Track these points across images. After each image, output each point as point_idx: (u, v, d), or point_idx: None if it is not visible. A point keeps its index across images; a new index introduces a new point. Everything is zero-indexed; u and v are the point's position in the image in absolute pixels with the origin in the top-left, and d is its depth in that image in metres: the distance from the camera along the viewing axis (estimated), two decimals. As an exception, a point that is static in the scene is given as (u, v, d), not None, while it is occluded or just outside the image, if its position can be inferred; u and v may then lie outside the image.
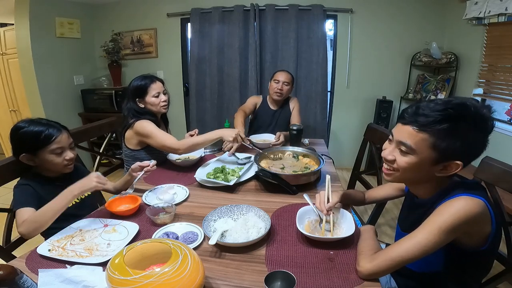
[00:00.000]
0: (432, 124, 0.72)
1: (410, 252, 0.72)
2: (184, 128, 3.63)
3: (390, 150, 0.82)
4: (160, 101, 1.59)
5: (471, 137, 0.72)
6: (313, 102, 3.17)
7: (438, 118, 0.71)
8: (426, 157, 0.75)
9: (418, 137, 0.74)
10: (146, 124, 1.50)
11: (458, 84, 2.82)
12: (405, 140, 0.76)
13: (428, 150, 0.74)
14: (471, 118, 0.70)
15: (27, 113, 3.27)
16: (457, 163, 0.73)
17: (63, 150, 1.11)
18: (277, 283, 0.70)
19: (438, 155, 0.74)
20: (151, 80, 1.58)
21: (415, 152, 0.75)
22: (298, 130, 1.81)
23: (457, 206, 0.70)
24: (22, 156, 1.08)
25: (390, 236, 2.19)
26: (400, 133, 0.78)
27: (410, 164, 0.77)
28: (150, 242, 0.72)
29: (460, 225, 0.69)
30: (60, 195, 1.01)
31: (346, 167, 3.35)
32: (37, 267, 0.79)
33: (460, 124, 0.71)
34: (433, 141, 0.72)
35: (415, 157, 0.76)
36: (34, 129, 1.06)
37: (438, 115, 0.71)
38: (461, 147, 0.72)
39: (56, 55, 3.08)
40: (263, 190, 1.31)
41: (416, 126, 0.74)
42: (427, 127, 0.72)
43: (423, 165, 0.76)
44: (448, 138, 0.71)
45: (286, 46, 3.07)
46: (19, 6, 2.75)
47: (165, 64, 3.49)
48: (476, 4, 2.39)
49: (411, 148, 0.76)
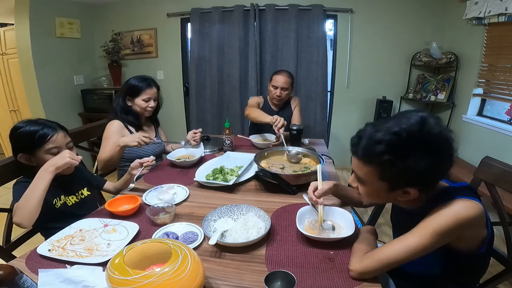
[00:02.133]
0: (374, 157, 0.69)
1: (398, 254, 0.71)
2: (184, 128, 3.63)
3: (352, 177, 0.84)
4: (148, 106, 1.62)
5: (422, 164, 0.65)
6: (313, 102, 3.17)
7: (380, 149, 0.67)
8: (378, 186, 0.74)
9: (364, 169, 0.74)
10: (111, 127, 1.56)
11: (458, 84, 2.82)
12: (356, 171, 0.77)
13: (377, 181, 0.73)
14: (419, 143, 0.65)
15: (27, 113, 3.28)
16: (411, 190, 0.71)
17: (59, 149, 1.10)
18: (277, 283, 0.70)
19: (389, 185, 0.72)
20: (148, 84, 1.61)
21: (366, 182, 0.76)
22: (298, 130, 1.81)
23: (454, 209, 0.68)
24: (19, 156, 1.08)
25: (390, 236, 2.19)
26: (353, 163, 0.78)
27: (368, 192, 0.79)
28: (150, 242, 0.72)
29: (455, 229, 0.67)
30: (36, 177, 1.00)
31: (346, 167, 3.35)
32: (37, 267, 0.79)
33: (406, 152, 0.66)
34: (379, 173, 0.71)
35: (369, 187, 0.77)
36: (30, 128, 1.06)
37: (379, 148, 0.67)
38: (411, 176, 0.68)
39: (56, 55, 3.08)
40: (263, 190, 1.31)
41: (360, 158, 0.73)
42: (369, 159, 0.71)
43: (380, 192, 0.76)
44: (394, 168, 0.68)
45: (286, 46, 3.07)
46: (19, 6, 2.75)
47: (165, 64, 3.49)
48: (476, 4, 2.39)
49: (361, 179, 0.77)
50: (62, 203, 1.15)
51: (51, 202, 1.11)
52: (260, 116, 1.85)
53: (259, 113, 1.90)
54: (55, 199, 1.13)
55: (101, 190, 1.39)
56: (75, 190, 1.23)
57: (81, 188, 1.25)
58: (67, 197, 1.18)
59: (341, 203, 1.14)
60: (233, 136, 1.82)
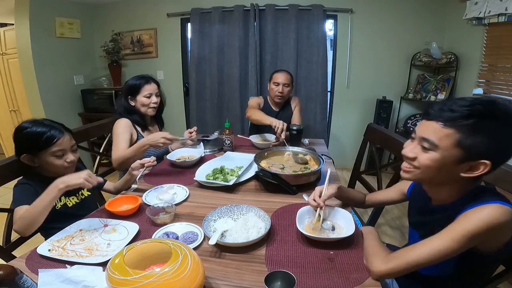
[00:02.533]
0: (458, 119, 0.68)
1: (427, 257, 0.69)
2: (184, 128, 3.63)
3: (411, 147, 0.78)
4: (151, 102, 1.62)
5: (501, 135, 0.67)
6: (313, 102, 3.17)
7: (465, 113, 0.67)
8: (450, 155, 0.70)
9: (442, 132, 0.70)
10: (119, 125, 1.55)
11: (458, 84, 2.82)
12: (429, 136, 0.72)
13: (452, 147, 0.69)
14: (500, 114, 0.66)
15: (27, 113, 3.28)
16: (485, 162, 0.68)
17: (64, 152, 1.10)
18: (277, 283, 0.70)
19: (463, 153, 0.69)
20: (146, 80, 1.61)
21: (438, 148, 0.71)
22: (298, 130, 1.81)
23: (487, 213, 0.66)
24: (23, 156, 1.08)
25: (390, 236, 2.19)
26: (423, 129, 0.75)
27: (432, 161, 0.73)
28: (150, 242, 0.72)
29: (485, 233, 0.66)
30: (47, 190, 0.99)
31: (346, 167, 3.35)
32: (37, 267, 0.79)
33: (488, 121, 0.66)
34: (459, 137, 0.68)
35: (438, 154, 0.71)
36: (36, 130, 1.05)
37: (464, 110, 0.67)
38: (488, 145, 0.67)
39: (56, 55, 3.08)
40: (263, 190, 1.31)
41: (441, 121, 0.70)
42: (452, 122, 0.69)
43: (446, 163, 0.72)
44: (475, 134, 0.67)
45: (286, 46, 3.07)
46: (19, 6, 2.75)
47: (165, 64, 3.49)
48: (476, 4, 2.39)
49: (434, 144, 0.71)
50: (62, 204, 1.15)
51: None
52: (262, 118, 1.85)
53: (261, 115, 1.89)
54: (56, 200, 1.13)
55: (101, 190, 1.39)
56: (75, 190, 1.23)
57: (81, 188, 1.25)
58: (68, 198, 1.18)
59: (342, 203, 1.14)
60: (233, 136, 1.83)
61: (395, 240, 2.12)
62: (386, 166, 2.36)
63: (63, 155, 1.10)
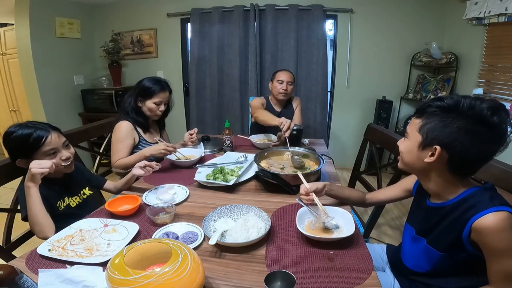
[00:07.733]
0: (425, 107, 0.77)
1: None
2: (184, 128, 3.63)
3: (401, 140, 0.89)
4: (158, 110, 1.64)
5: (461, 130, 0.70)
6: (313, 102, 3.17)
7: (434, 104, 0.75)
8: (414, 140, 0.79)
9: (414, 123, 0.81)
10: (121, 130, 1.57)
11: (458, 84, 2.82)
12: (408, 128, 0.83)
13: (416, 132, 0.78)
14: (464, 108, 0.71)
15: (27, 113, 3.28)
16: (436, 147, 0.74)
17: (56, 150, 1.09)
18: (277, 283, 0.70)
19: (422, 138, 0.77)
20: (162, 88, 1.62)
21: (409, 135, 0.82)
22: (298, 130, 1.81)
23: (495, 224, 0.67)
24: (18, 161, 1.07)
25: (390, 236, 2.19)
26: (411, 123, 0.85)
27: (404, 147, 0.84)
28: (150, 242, 0.72)
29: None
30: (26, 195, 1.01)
31: (346, 167, 3.35)
32: (37, 267, 0.79)
33: (451, 113, 0.72)
34: (421, 123, 0.77)
35: (409, 141, 0.82)
36: (22, 132, 1.04)
37: (434, 102, 0.75)
38: (442, 132, 0.72)
39: (56, 55, 3.08)
40: (263, 190, 1.31)
41: (416, 114, 0.81)
42: (421, 112, 0.78)
43: (413, 148, 0.80)
44: (434, 120, 0.74)
45: (286, 46, 3.07)
46: (19, 6, 2.75)
47: (165, 64, 3.49)
48: (476, 4, 2.39)
49: (406, 133, 0.83)
50: (65, 205, 1.15)
51: (55, 205, 1.11)
52: (269, 119, 1.83)
53: (269, 116, 1.87)
54: (59, 201, 1.13)
55: (101, 189, 1.39)
56: (77, 191, 1.23)
57: (83, 188, 1.26)
58: (71, 199, 1.18)
59: (339, 203, 1.14)
60: (233, 136, 1.83)
61: (395, 240, 2.12)
62: (386, 166, 2.35)
63: (56, 153, 1.09)
